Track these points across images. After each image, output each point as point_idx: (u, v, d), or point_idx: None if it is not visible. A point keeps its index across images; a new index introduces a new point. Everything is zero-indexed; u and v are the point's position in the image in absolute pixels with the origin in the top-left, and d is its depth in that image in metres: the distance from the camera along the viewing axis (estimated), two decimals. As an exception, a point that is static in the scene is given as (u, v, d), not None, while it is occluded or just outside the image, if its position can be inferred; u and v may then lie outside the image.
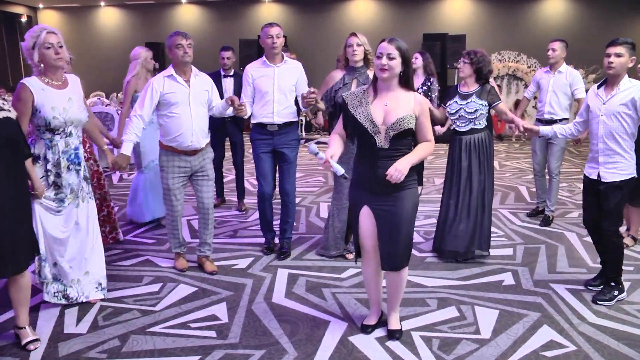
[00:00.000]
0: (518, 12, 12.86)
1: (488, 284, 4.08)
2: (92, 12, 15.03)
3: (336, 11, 13.71)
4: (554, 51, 5.60)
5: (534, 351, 3.15)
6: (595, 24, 12.39)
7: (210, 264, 4.37)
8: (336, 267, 4.43)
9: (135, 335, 3.35)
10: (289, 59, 4.59)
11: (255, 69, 4.53)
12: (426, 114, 3.04)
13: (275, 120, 4.49)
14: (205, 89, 4.17)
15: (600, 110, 3.72)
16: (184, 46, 3.97)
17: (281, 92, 4.47)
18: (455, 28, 12.85)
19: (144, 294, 3.94)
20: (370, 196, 3.09)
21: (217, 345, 3.23)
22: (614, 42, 3.65)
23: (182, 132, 4.04)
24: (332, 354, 3.13)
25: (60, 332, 3.38)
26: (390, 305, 3.36)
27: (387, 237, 3.09)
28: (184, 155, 4.10)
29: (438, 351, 3.16)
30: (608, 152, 3.70)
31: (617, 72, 3.64)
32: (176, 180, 4.16)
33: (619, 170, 3.68)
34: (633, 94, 3.59)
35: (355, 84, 4.35)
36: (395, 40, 2.96)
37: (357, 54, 4.33)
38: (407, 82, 3.02)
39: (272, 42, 4.40)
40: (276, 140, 4.53)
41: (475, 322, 3.50)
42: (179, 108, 4.02)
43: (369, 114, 3.02)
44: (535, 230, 5.39)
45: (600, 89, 3.79)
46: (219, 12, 14.15)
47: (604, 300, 3.78)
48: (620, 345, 3.21)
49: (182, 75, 4.05)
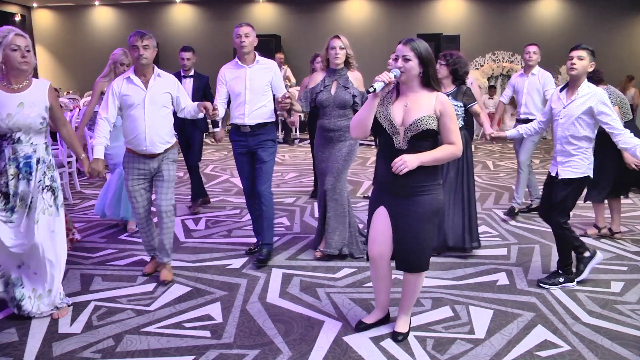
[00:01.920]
0: (512, 13, 12.91)
1: (482, 284, 4.09)
2: (86, 11, 15.00)
3: (330, 11, 13.72)
4: (534, 54, 5.97)
5: (528, 351, 3.15)
6: (588, 24, 12.45)
7: (166, 272, 4.14)
8: (330, 267, 4.43)
9: (129, 335, 3.34)
10: (262, 59, 4.50)
11: (229, 70, 4.47)
12: (449, 115, 2.94)
13: (246, 122, 4.42)
14: (166, 91, 4.00)
15: (560, 114, 3.93)
16: (139, 47, 3.83)
17: (253, 93, 4.40)
18: (450, 28, 12.89)
19: (138, 294, 3.92)
20: (390, 198, 3.06)
21: (212, 345, 3.23)
22: (576, 47, 3.92)
23: (136, 135, 3.92)
24: (326, 353, 3.13)
25: (54, 332, 3.37)
26: (402, 306, 3.33)
27: (403, 240, 3.06)
28: (143, 158, 3.98)
29: (432, 351, 3.16)
30: (565, 154, 3.92)
31: (579, 73, 3.84)
32: (135, 182, 4.02)
33: (573, 169, 3.89)
34: (590, 103, 3.78)
35: (335, 85, 4.41)
36: (411, 42, 2.91)
37: (339, 57, 4.37)
38: (428, 82, 2.96)
39: (241, 42, 4.34)
40: (250, 141, 4.46)
41: (469, 322, 3.51)
42: (134, 111, 3.90)
43: (388, 114, 2.99)
44: (530, 230, 5.41)
45: (562, 92, 3.98)
46: (213, 12, 14.14)
47: (546, 283, 4.02)
48: (614, 345, 3.22)
49: (141, 76, 3.93)
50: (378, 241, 3.13)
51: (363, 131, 3.03)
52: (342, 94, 4.40)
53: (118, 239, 5.15)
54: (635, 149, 3.68)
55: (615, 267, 4.42)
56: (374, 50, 12.60)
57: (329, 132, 4.49)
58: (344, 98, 4.40)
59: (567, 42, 6.31)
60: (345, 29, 13.58)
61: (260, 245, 4.59)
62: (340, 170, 4.48)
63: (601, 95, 3.79)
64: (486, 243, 4.98)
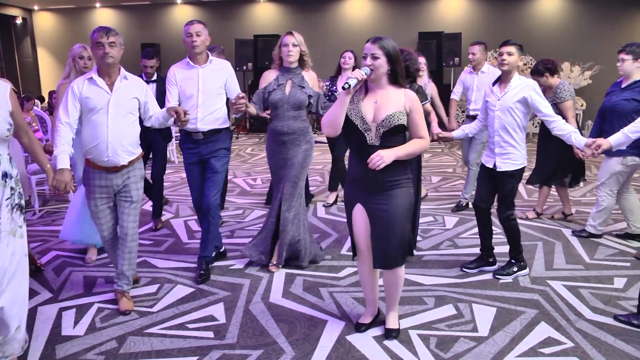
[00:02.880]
0: (513, 10, 12.89)
1: (485, 282, 4.09)
2: (88, 13, 15.02)
3: (331, 11, 13.72)
4: (474, 54, 6.05)
5: (532, 348, 3.15)
6: (590, 22, 12.42)
7: (126, 301, 3.69)
8: (333, 266, 4.43)
9: (132, 336, 3.35)
10: (216, 59, 4.21)
11: (180, 70, 4.14)
12: (418, 111, 3.02)
13: (199, 127, 4.10)
14: (134, 95, 3.58)
15: (495, 106, 4.06)
16: (105, 45, 3.39)
17: (206, 96, 4.10)
18: (451, 26, 12.87)
19: (141, 295, 3.93)
20: (364, 195, 3.09)
21: (215, 345, 3.23)
22: (505, 42, 4.03)
23: (96, 143, 3.48)
24: (329, 353, 3.13)
25: (57, 334, 3.38)
26: (387, 304, 3.36)
27: (379, 235, 3.08)
28: (105, 172, 3.54)
29: (436, 349, 3.16)
30: (502, 144, 4.02)
31: (509, 68, 3.98)
32: (98, 202, 3.60)
33: (512, 161, 4.01)
34: (524, 93, 3.93)
35: (289, 85, 4.18)
36: (379, 40, 2.97)
37: (293, 54, 4.14)
38: (396, 79, 3.02)
39: (192, 41, 4.03)
40: (202, 149, 4.16)
41: (472, 319, 3.51)
42: (95, 115, 3.47)
43: (359, 111, 3.03)
44: (532, 227, 5.40)
45: (495, 85, 4.13)
46: (215, 13, 14.15)
47: (502, 274, 4.14)
48: (617, 341, 3.21)
49: (105, 78, 3.50)
50: (364, 235, 3.17)
51: (335, 129, 3.05)
52: (298, 94, 4.16)
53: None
54: (570, 135, 3.85)
55: (619, 263, 4.41)
56: (375, 49, 12.58)
57: (282, 136, 4.20)
58: (300, 98, 4.16)
59: (569, 40, 6.31)
60: (346, 28, 13.59)
61: (200, 258, 4.28)
62: (298, 178, 4.25)
63: (533, 85, 3.99)
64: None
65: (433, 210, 6.06)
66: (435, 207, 6.19)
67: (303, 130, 4.24)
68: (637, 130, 3.68)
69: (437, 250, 4.77)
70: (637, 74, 4.66)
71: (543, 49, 12.25)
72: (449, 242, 4.98)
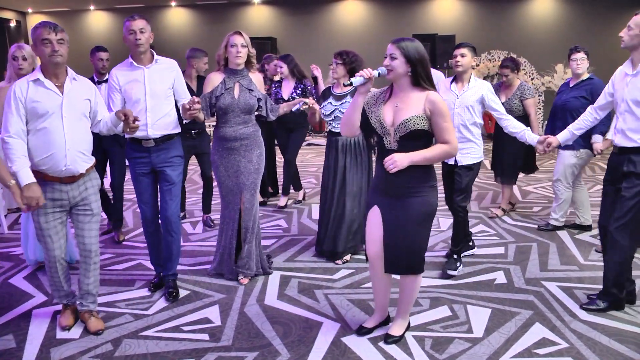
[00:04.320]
0: (508, 12, 12.92)
1: (480, 283, 4.10)
2: (82, 16, 14.99)
3: (326, 13, 13.73)
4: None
5: (527, 349, 3.16)
6: (583, 24, 12.46)
7: (95, 321, 3.46)
8: (328, 268, 4.43)
9: (127, 339, 3.34)
10: (162, 58, 3.84)
11: (123, 72, 3.74)
12: (441, 113, 2.89)
13: (150, 134, 3.73)
14: (85, 97, 3.30)
15: (455, 104, 4.29)
16: (53, 42, 3.08)
17: (155, 99, 3.73)
18: (445, 28, 12.89)
19: (136, 298, 3.92)
20: (382, 198, 3.07)
21: (210, 348, 3.23)
22: (459, 45, 4.37)
23: (52, 152, 3.14)
24: (325, 355, 3.13)
25: (52, 337, 3.37)
26: (398, 309, 3.33)
27: (389, 241, 3.06)
28: (58, 184, 3.21)
29: (431, 350, 3.16)
30: (462, 140, 4.20)
31: (463, 69, 4.29)
32: (50, 217, 3.24)
33: (472, 155, 4.28)
34: (481, 92, 4.25)
35: (237, 87, 3.98)
36: (399, 41, 2.91)
37: (241, 55, 3.93)
38: (418, 81, 2.93)
39: (136, 39, 3.63)
40: (154, 158, 3.79)
41: (467, 321, 3.52)
42: (47, 121, 3.13)
43: (379, 114, 2.99)
44: (527, 229, 5.42)
45: (453, 84, 4.39)
46: (209, 15, 14.13)
47: (451, 269, 4.25)
48: (611, 341, 3.23)
49: (52, 79, 3.18)
50: (374, 240, 3.14)
51: (351, 130, 3.06)
52: (247, 98, 3.99)
53: (116, 244, 5.15)
54: (523, 133, 4.20)
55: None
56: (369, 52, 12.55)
57: (233, 142, 4.01)
58: (250, 102, 3.99)
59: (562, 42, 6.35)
60: (340, 30, 13.60)
61: (166, 277, 4.03)
62: (256, 184, 4.13)
63: (488, 86, 4.32)
64: (483, 242, 5.00)
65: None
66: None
67: (254, 135, 4.09)
68: (580, 127, 3.94)
69: (432, 251, 4.78)
70: (586, 74, 5.10)
71: (536, 50, 12.30)
72: (444, 244, 4.99)
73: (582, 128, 3.93)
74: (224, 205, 4.17)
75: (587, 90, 4.96)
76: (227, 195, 4.13)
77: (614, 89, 3.63)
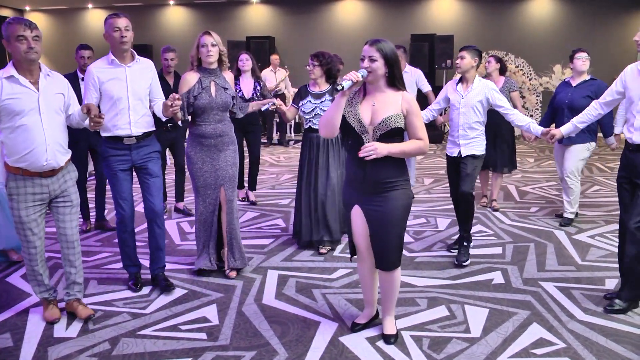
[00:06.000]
0: (506, 12, 12.95)
1: (478, 283, 4.11)
2: (80, 14, 14.98)
3: (324, 12, 13.74)
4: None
5: (524, 349, 3.17)
6: (581, 24, 12.49)
7: (83, 308, 3.56)
8: (326, 267, 4.43)
9: (125, 338, 3.34)
10: (141, 58, 3.91)
11: (102, 70, 3.74)
12: (415, 113, 3.02)
13: (133, 132, 3.78)
14: (59, 91, 3.36)
15: (460, 104, 4.49)
16: (28, 39, 3.11)
17: (137, 98, 3.79)
18: (443, 28, 12.91)
19: (133, 297, 3.92)
20: (361, 196, 3.10)
21: (208, 347, 3.23)
22: (461, 49, 4.52)
23: (33, 148, 3.20)
24: (322, 354, 3.13)
25: (50, 336, 3.36)
26: (383, 308, 3.35)
27: (377, 237, 3.09)
28: (39, 178, 3.29)
29: (428, 350, 3.17)
30: (467, 137, 4.47)
31: (463, 70, 4.46)
32: (30, 211, 3.31)
33: (475, 148, 4.49)
34: (485, 92, 4.43)
35: (214, 87, 4.05)
36: (377, 42, 2.96)
37: (212, 54, 3.99)
38: (393, 82, 3.02)
39: (121, 36, 3.68)
40: (135, 155, 3.84)
41: (465, 321, 3.52)
42: (25, 118, 3.17)
43: (357, 113, 3.03)
44: (524, 229, 5.43)
45: (458, 85, 4.56)
46: (207, 14, 14.14)
47: (463, 259, 4.42)
48: (608, 341, 3.23)
49: (27, 75, 3.20)
50: (363, 236, 3.17)
51: (332, 130, 3.06)
52: (223, 96, 4.07)
53: (113, 242, 5.14)
54: (528, 126, 4.39)
55: (610, 264, 4.43)
56: (368, 51, 12.61)
57: (211, 139, 4.07)
58: (226, 100, 4.08)
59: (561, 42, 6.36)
60: (338, 29, 13.60)
61: (157, 270, 4.09)
62: (235, 177, 4.21)
63: (492, 85, 4.50)
64: (481, 242, 5.01)
65: (425, 212, 6.07)
66: (428, 209, 6.21)
67: (229, 131, 4.19)
68: (583, 121, 4.09)
69: (430, 251, 4.79)
70: (586, 74, 5.39)
71: (534, 51, 12.33)
72: (442, 244, 4.99)
73: (585, 122, 4.08)
74: (199, 200, 4.20)
75: (592, 90, 5.18)
76: (204, 190, 4.17)
77: (625, 87, 3.68)
